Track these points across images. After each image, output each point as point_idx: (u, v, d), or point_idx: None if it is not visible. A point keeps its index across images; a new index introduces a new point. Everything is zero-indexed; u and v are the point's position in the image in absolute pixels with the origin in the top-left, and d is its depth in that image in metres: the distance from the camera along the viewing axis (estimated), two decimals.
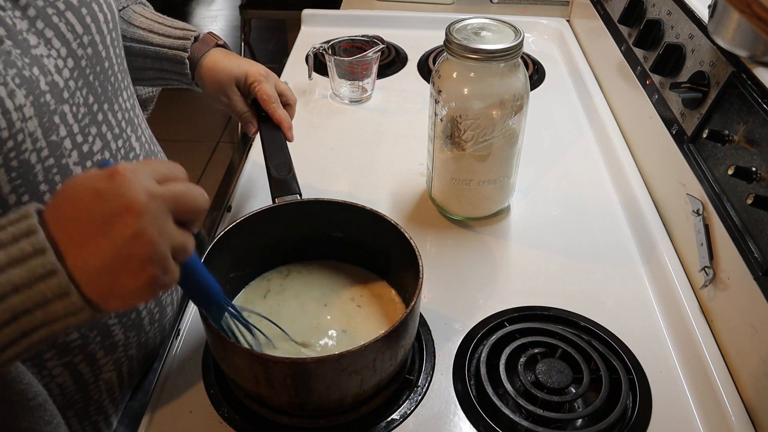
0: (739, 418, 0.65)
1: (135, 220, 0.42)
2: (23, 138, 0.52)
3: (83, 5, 0.59)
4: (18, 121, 0.51)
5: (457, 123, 0.82)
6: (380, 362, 0.61)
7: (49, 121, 0.54)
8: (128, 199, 0.42)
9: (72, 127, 0.58)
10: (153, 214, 0.43)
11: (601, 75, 1.23)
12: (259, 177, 1.00)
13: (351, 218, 0.75)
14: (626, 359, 0.72)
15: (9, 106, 0.50)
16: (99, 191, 0.43)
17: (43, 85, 0.54)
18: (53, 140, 0.55)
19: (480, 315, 0.78)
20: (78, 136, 0.58)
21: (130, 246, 0.42)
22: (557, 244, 0.90)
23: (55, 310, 0.43)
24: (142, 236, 0.43)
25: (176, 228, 0.46)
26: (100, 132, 0.62)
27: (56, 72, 0.56)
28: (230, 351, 0.61)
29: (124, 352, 0.67)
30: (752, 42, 0.70)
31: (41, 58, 0.54)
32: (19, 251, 0.42)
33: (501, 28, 0.81)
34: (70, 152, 0.57)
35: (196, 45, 0.85)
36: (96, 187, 0.43)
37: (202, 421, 0.67)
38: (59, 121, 0.56)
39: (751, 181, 0.66)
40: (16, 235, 0.42)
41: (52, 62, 0.55)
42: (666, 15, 0.94)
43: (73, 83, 0.58)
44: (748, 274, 0.66)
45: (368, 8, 1.58)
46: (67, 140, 0.57)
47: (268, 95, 0.84)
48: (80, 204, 0.43)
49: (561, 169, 1.04)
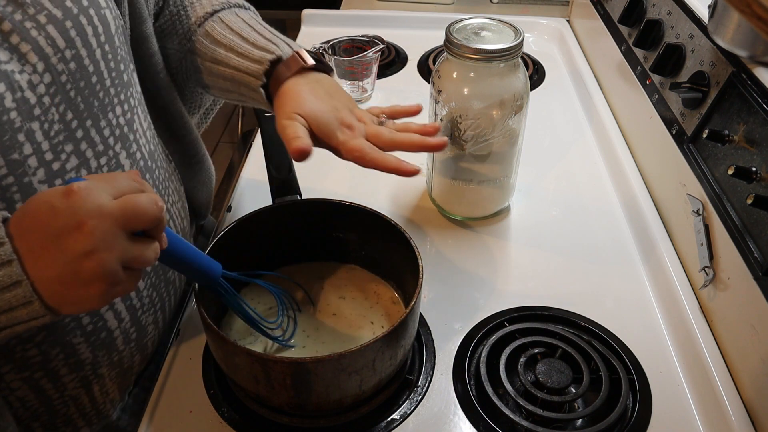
0: (739, 418, 0.65)
1: (85, 238, 0.45)
2: None
3: (68, 18, 0.57)
4: None
5: (457, 123, 0.82)
6: (380, 362, 0.61)
7: (11, 139, 0.52)
8: (80, 217, 0.45)
9: (40, 145, 0.55)
10: (102, 231, 0.46)
11: (601, 75, 1.23)
12: (259, 177, 1.00)
13: (351, 218, 0.75)
14: (626, 359, 0.72)
15: None
16: (54, 208, 0.46)
17: (9, 102, 0.52)
18: (14, 158, 0.53)
19: (480, 315, 0.78)
20: (47, 154, 0.56)
21: (79, 262, 0.46)
22: (557, 244, 0.90)
23: (19, 315, 0.47)
24: (91, 254, 0.46)
25: (128, 241, 0.48)
26: (77, 149, 0.59)
27: (28, 88, 0.54)
28: (229, 351, 0.61)
29: (92, 371, 0.65)
30: (752, 42, 0.70)
31: (11, 74, 0.52)
32: None
33: (501, 28, 0.81)
34: (36, 170, 0.55)
35: (280, 68, 0.70)
36: (52, 203, 0.46)
37: (202, 421, 0.67)
38: (24, 138, 0.54)
39: (751, 181, 0.66)
40: None
41: (26, 78, 0.53)
42: (666, 15, 0.94)
43: (48, 99, 0.56)
44: (748, 274, 0.66)
45: (368, 8, 1.58)
46: (32, 158, 0.55)
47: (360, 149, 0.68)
48: (38, 218, 0.46)
49: (561, 169, 1.04)
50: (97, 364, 0.65)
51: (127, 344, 0.67)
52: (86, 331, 0.62)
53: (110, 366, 0.66)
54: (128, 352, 0.68)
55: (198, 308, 0.62)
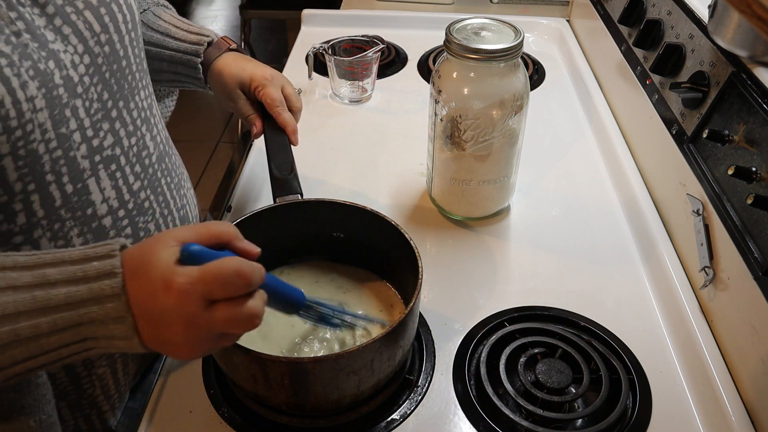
0: (739, 418, 0.65)
1: (177, 338, 0.48)
2: (32, 128, 0.53)
3: (102, 5, 0.61)
4: (28, 112, 0.52)
5: (457, 123, 0.82)
6: (378, 363, 0.61)
7: (60, 113, 0.56)
8: (174, 319, 0.48)
9: (83, 121, 0.59)
10: (193, 336, 0.49)
11: (601, 75, 1.23)
12: (260, 177, 1.00)
13: (351, 218, 0.75)
14: (626, 359, 0.72)
15: (20, 97, 0.51)
16: (155, 298, 0.48)
17: (57, 79, 0.55)
18: (63, 132, 0.57)
19: (480, 315, 0.78)
20: (89, 131, 0.60)
21: (169, 348, 0.50)
22: (557, 244, 0.90)
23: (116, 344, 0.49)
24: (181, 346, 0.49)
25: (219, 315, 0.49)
26: (112, 128, 0.63)
27: (72, 67, 0.57)
28: (228, 350, 0.61)
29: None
30: (752, 42, 0.70)
31: (58, 52, 0.56)
32: (99, 291, 0.47)
33: (501, 28, 0.81)
34: (79, 145, 0.59)
35: (210, 49, 0.86)
36: (154, 292, 0.48)
37: (202, 421, 0.67)
38: (70, 114, 0.57)
39: (751, 181, 0.66)
40: (99, 273, 0.48)
41: (69, 57, 0.57)
42: (666, 15, 0.94)
43: (88, 79, 0.59)
44: (748, 274, 0.66)
45: (368, 8, 1.58)
46: (76, 133, 0.58)
47: (273, 99, 0.84)
48: (142, 289, 0.48)
49: (561, 169, 1.04)
50: None
51: None
52: None
53: None
54: None
55: None
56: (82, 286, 0.47)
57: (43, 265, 0.48)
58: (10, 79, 0.51)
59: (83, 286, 0.47)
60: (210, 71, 0.87)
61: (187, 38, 0.86)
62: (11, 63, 0.51)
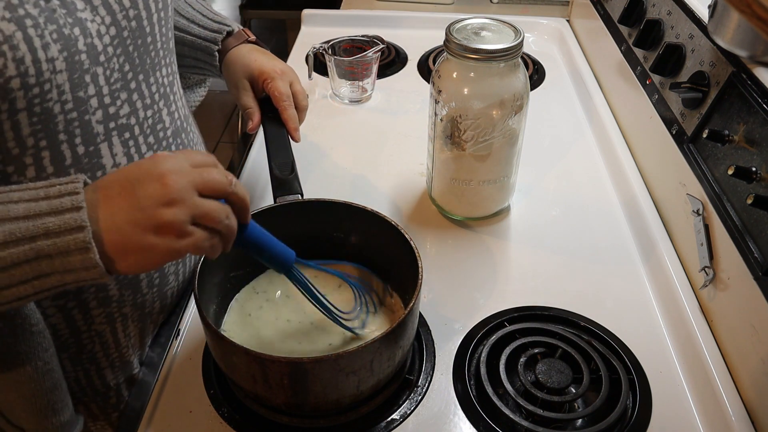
0: (739, 418, 0.65)
1: (163, 188, 0.49)
2: (50, 88, 0.56)
3: None
4: (47, 72, 0.55)
5: (457, 123, 0.82)
6: (377, 363, 0.61)
7: (79, 78, 0.59)
8: (160, 169, 0.50)
9: (102, 89, 0.62)
10: (179, 186, 0.50)
11: (601, 75, 1.23)
12: (260, 177, 1.00)
13: (351, 218, 0.75)
14: (626, 359, 0.72)
15: (41, 57, 0.54)
16: (139, 164, 0.51)
17: (81, 45, 0.58)
18: (80, 96, 0.60)
19: (480, 315, 0.78)
20: (106, 98, 0.63)
21: (154, 209, 0.49)
22: (557, 244, 0.90)
23: (72, 261, 0.49)
24: (167, 203, 0.49)
25: (201, 199, 0.51)
26: (129, 98, 0.66)
27: (97, 36, 0.60)
28: (227, 350, 0.61)
29: (117, 309, 0.71)
30: (752, 42, 0.70)
31: (84, 21, 0.59)
32: (59, 204, 0.49)
33: (501, 28, 0.81)
34: (95, 110, 0.62)
35: (229, 39, 0.90)
36: (137, 162, 0.52)
37: (202, 421, 0.67)
38: (90, 80, 0.60)
39: (751, 181, 0.66)
40: (62, 192, 0.49)
41: (95, 27, 0.60)
42: (666, 15, 0.94)
43: (112, 49, 0.62)
44: (748, 274, 0.66)
45: (368, 8, 1.58)
46: (94, 99, 0.61)
47: (280, 92, 0.85)
48: (121, 171, 0.51)
49: (561, 169, 1.04)
50: (122, 303, 0.71)
51: (150, 288, 0.73)
52: None
53: (133, 306, 0.73)
54: (150, 296, 0.74)
55: (197, 307, 0.62)
56: (43, 202, 0.49)
57: (9, 190, 0.50)
58: (33, 39, 0.53)
59: (44, 202, 0.49)
60: (225, 59, 0.89)
61: (209, 26, 0.89)
62: (36, 24, 0.54)
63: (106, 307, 0.70)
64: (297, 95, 0.87)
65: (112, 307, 0.70)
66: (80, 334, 0.70)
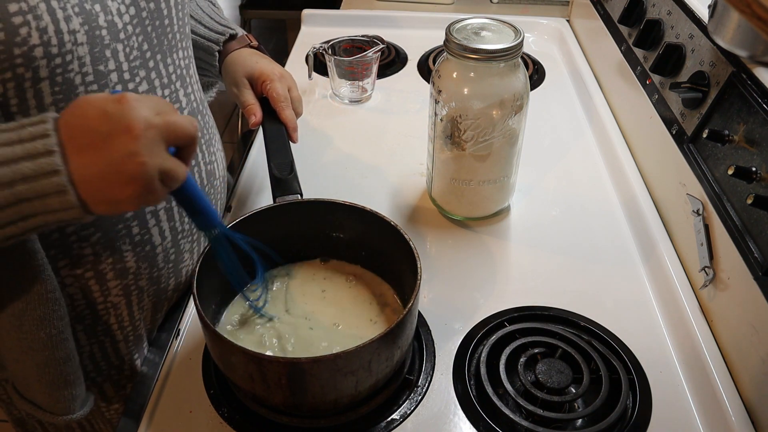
0: (739, 418, 0.65)
1: (131, 141, 0.49)
2: (71, 59, 0.57)
3: None
4: (69, 43, 0.56)
5: (457, 123, 0.82)
6: (376, 363, 0.61)
7: (100, 52, 0.60)
8: (129, 122, 0.50)
9: (122, 64, 0.63)
10: (148, 138, 0.50)
11: (601, 75, 1.23)
12: (259, 177, 1.00)
13: (351, 218, 0.75)
14: (626, 359, 0.72)
15: (63, 28, 0.55)
16: (106, 111, 0.50)
17: (102, 21, 0.60)
18: (100, 69, 0.61)
19: (480, 315, 0.78)
20: (126, 74, 0.64)
21: (122, 162, 0.50)
22: (557, 244, 0.90)
23: (51, 204, 0.50)
24: (135, 156, 0.50)
25: (167, 155, 0.52)
26: (148, 77, 0.67)
27: (117, 15, 0.62)
28: (226, 349, 0.61)
29: (134, 281, 0.73)
30: (752, 42, 0.70)
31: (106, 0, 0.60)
32: (32, 148, 0.49)
33: (501, 28, 0.81)
34: (115, 85, 0.63)
35: (231, 42, 0.92)
36: (104, 107, 0.50)
37: (202, 421, 0.67)
38: (110, 55, 0.61)
39: (751, 181, 0.66)
40: (33, 135, 0.50)
41: (115, 6, 0.61)
42: (666, 15, 0.94)
43: (131, 28, 0.64)
44: (748, 274, 0.66)
45: (368, 8, 1.58)
46: (114, 74, 0.63)
47: (278, 94, 0.87)
48: (89, 118, 0.50)
49: (561, 169, 1.04)
50: (138, 275, 0.73)
51: (165, 263, 0.75)
52: (134, 241, 0.70)
53: (149, 280, 0.74)
54: (166, 271, 0.76)
55: (196, 307, 0.62)
56: (17, 146, 0.49)
57: None
58: (56, 11, 0.55)
59: (18, 146, 0.49)
60: (225, 61, 0.91)
61: (214, 27, 0.92)
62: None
63: (123, 279, 0.71)
64: (294, 101, 0.89)
65: (129, 279, 0.72)
66: (96, 305, 0.71)
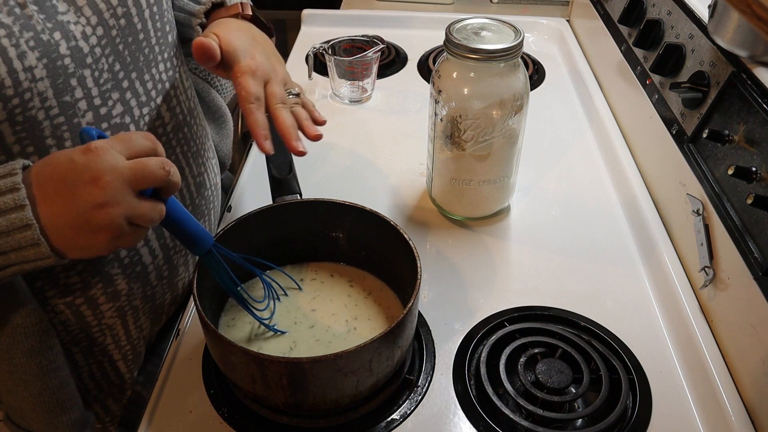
0: (739, 418, 0.65)
1: (98, 191, 0.50)
2: (30, 96, 0.55)
3: None
4: (26, 81, 0.55)
5: (457, 123, 0.82)
6: (376, 363, 0.61)
7: (64, 82, 0.58)
8: (94, 171, 0.50)
9: (91, 90, 0.61)
10: (113, 188, 0.50)
11: (601, 75, 1.23)
12: (259, 177, 1.00)
13: (350, 218, 0.75)
14: (626, 359, 0.72)
15: (17, 67, 0.53)
16: (73, 161, 0.50)
17: (63, 50, 0.57)
18: (66, 100, 0.59)
19: (480, 315, 0.78)
20: (96, 99, 0.62)
21: (91, 212, 0.50)
22: (557, 244, 0.90)
23: (26, 255, 0.51)
24: (102, 206, 0.50)
25: (135, 199, 0.52)
26: (122, 98, 0.65)
27: (82, 38, 0.59)
28: (226, 350, 0.61)
29: (127, 302, 0.71)
30: (752, 42, 0.70)
31: (67, 24, 0.57)
32: (2, 203, 0.50)
33: (501, 28, 0.81)
34: (85, 113, 0.61)
35: (219, 11, 0.78)
36: (72, 157, 0.51)
37: (202, 421, 0.67)
38: (76, 83, 0.59)
39: (751, 181, 0.66)
40: (2, 189, 0.50)
41: (80, 29, 0.58)
42: (666, 15, 0.94)
43: (100, 50, 0.61)
44: (748, 274, 0.66)
45: (368, 8, 1.58)
46: (82, 101, 0.60)
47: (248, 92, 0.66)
48: (58, 168, 0.51)
49: (561, 169, 1.04)
50: (132, 296, 0.71)
51: (159, 280, 0.74)
52: (123, 264, 0.68)
53: (144, 299, 0.73)
54: (160, 288, 0.75)
55: (196, 307, 0.62)
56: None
57: None
58: (8, 49, 0.53)
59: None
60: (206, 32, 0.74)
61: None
62: (10, 34, 0.53)
63: (116, 301, 0.70)
64: (269, 97, 0.68)
65: (122, 301, 0.71)
66: (90, 328, 0.70)
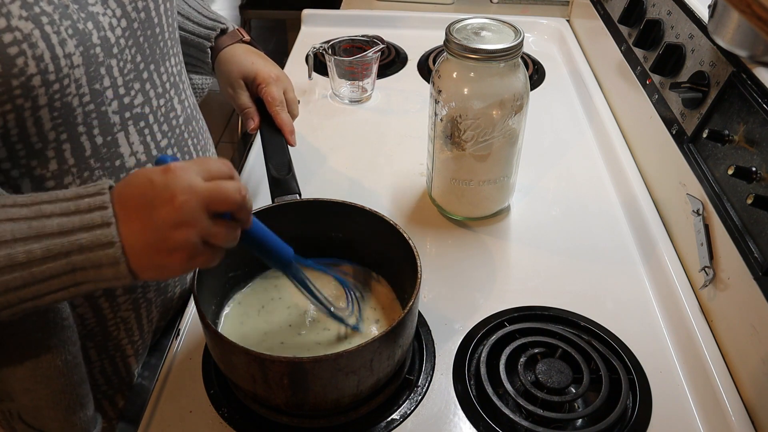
0: (739, 418, 0.65)
1: (174, 211, 0.50)
2: (69, 83, 0.58)
3: None
4: (66, 68, 0.57)
5: (457, 123, 0.82)
6: (377, 362, 0.61)
7: (95, 71, 0.61)
8: (172, 191, 0.50)
9: (116, 80, 0.64)
10: (190, 207, 0.50)
11: (601, 75, 1.23)
12: (259, 177, 1.00)
13: (350, 218, 0.75)
14: (626, 359, 0.72)
15: (59, 53, 0.56)
16: (152, 181, 0.51)
17: (95, 39, 0.60)
18: (96, 88, 0.62)
19: (480, 315, 0.78)
20: (121, 89, 0.65)
21: (167, 232, 0.50)
22: (557, 244, 0.90)
23: (105, 274, 0.51)
24: (178, 226, 0.50)
25: (209, 221, 0.52)
26: (143, 88, 0.68)
27: (109, 29, 0.62)
28: (227, 350, 0.61)
29: (142, 294, 0.74)
30: (752, 42, 0.70)
31: (97, 15, 0.61)
32: (90, 220, 0.51)
33: (501, 28, 0.81)
34: (111, 101, 0.64)
35: (223, 37, 0.90)
36: (151, 177, 0.51)
37: (202, 421, 0.67)
38: (105, 72, 0.62)
39: (751, 181, 0.66)
40: (91, 206, 0.51)
41: (107, 20, 0.62)
42: (666, 15, 0.94)
43: (124, 41, 0.64)
44: (748, 274, 0.66)
45: (368, 8, 1.58)
46: (109, 90, 0.63)
47: (273, 97, 0.85)
48: (137, 188, 0.52)
49: (561, 169, 1.04)
50: (146, 288, 0.74)
51: None
52: None
53: (157, 291, 0.76)
54: (172, 281, 0.78)
55: (196, 307, 0.62)
56: (75, 217, 0.51)
57: (40, 202, 0.52)
58: (51, 36, 0.55)
59: (75, 217, 0.51)
60: (218, 57, 0.90)
61: (203, 23, 0.90)
62: (52, 21, 0.55)
63: (132, 293, 0.72)
64: (289, 103, 0.88)
65: (138, 293, 0.73)
66: (106, 321, 0.71)
